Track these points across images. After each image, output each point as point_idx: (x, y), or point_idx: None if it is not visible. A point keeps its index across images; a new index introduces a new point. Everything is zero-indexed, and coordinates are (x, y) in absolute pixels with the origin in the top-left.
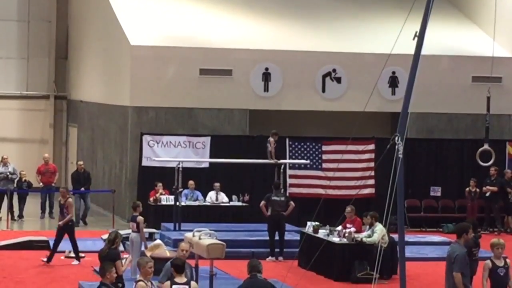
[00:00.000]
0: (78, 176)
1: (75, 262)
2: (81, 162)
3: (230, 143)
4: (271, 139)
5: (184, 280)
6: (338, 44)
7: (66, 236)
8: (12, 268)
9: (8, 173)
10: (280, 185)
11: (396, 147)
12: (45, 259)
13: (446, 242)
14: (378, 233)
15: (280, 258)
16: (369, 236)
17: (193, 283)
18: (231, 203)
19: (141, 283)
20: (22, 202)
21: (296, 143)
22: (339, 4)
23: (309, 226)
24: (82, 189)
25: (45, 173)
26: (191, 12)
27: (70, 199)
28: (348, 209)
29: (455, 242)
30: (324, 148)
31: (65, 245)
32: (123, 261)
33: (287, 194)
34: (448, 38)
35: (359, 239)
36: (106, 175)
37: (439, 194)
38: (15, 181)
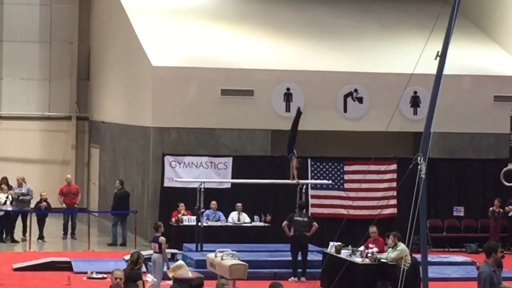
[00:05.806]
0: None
1: None
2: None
3: (252, 163)
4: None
5: None
6: (359, 64)
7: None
8: None
9: (20, 195)
10: (304, 206)
11: (419, 167)
12: None
13: (469, 262)
14: (397, 252)
15: (303, 278)
16: None
17: None
18: (253, 224)
19: None
20: (41, 223)
21: (318, 163)
22: (360, 24)
23: (332, 247)
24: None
25: (67, 194)
26: (212, 33)
27: None
28: (373, 229)
29: (485, 261)
30: (346, 168)
31: (88, 265)
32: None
33: (309, 215)
34: (470, 57)
35: (381, 259)
36: None
37: (462, 214)
38: (30, 201)
